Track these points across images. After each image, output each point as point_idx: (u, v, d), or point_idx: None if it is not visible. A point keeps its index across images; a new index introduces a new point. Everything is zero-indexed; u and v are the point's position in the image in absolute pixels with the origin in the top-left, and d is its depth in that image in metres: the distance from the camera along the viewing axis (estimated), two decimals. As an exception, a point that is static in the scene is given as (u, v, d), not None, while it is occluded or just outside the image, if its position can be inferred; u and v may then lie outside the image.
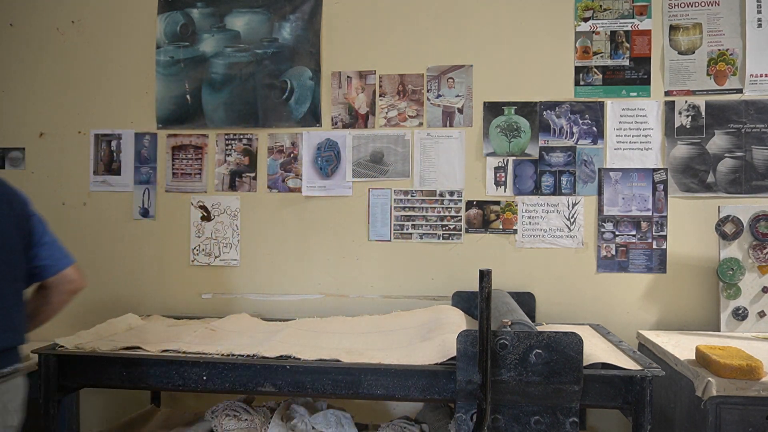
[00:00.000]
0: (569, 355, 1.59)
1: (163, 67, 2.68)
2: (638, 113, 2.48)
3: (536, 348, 1.60)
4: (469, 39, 2.56)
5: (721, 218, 2.41)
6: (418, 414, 2.30)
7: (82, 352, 1.86)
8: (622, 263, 2.48)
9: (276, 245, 2.64)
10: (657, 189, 2.47)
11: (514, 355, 1.61)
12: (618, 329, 2.40)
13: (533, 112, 2.52)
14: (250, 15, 2.65)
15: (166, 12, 2.69)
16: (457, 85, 2.56)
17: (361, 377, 1.73)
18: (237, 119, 2.65)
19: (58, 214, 2.71)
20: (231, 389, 1.80)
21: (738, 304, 2.37)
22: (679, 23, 2.48)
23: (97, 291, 2.67)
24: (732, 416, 1.75)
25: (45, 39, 2.74)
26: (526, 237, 2.52)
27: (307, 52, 2.62)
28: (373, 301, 2.59)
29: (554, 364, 1.60)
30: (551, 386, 1.61)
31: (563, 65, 2.52)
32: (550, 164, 2.52)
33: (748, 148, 2.43)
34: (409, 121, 2.58)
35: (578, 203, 2.50)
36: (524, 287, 2.49)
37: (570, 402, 1.62)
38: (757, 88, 2.42)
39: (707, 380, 1.74)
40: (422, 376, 1.70)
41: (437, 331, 2.00)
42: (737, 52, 2.44)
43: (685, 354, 1.98)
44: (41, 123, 2.74)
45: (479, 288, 1.57)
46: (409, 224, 2.57)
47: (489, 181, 2.54)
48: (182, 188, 2.68)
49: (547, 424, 1.62)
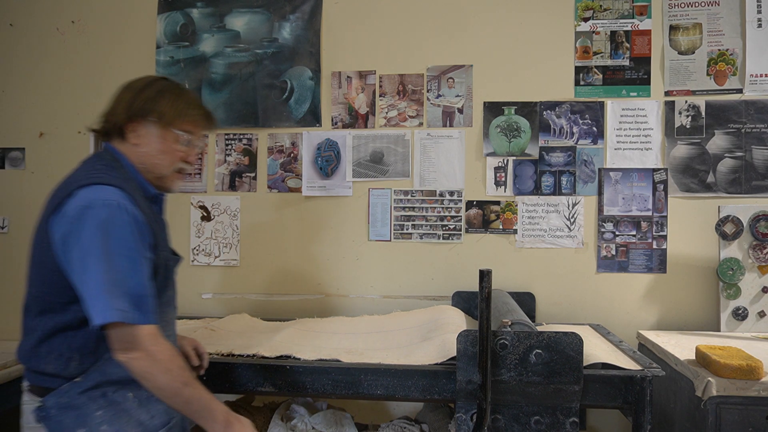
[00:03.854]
0: (569, 355, 1.59)
1: (163, 67, 2.68)
2: (638, 113, 2.48)
3: (536, 348, 1.60)
4: (469, 39, 2.56)
5: (721, 218, 2.41)
6: (418, 414, 2.30)
7: (82, 352, 1.85)
8: (622, 263, 2.48)
9: (276, 245, 2.64)
10: (657, 189, 2.47)
11: (514, 355, 1.61)
12: (618, 329, 2.40)
13: (533, 112, 2.52)
14: (250, 15, 2.65)
15: (166, 12, 2.69)
16: (457, 85, 2.56)
17: (361, 377, 1.73)
18: (237, 119, 2.65)
19: (58, 214, 2.72)
20: (231, 389, 1.80)
21: (738, 304, 2.37)
22: (679, 23, 2.48)
23: (97, 291, 2.68)
24: (732, 416, 1.75)
25: (45, 39, 2.74)
26: (526, 237, 2.52)
27: (307, 52, 2.62)
28: (373, 301, 2.59)
29: (554, 364, 1.60)
30: (551, 386, 1.61)
31: (563, 65, 2.52)
32: (550, 164, 2.52)
33: (748, 148, 2.43)
34: (409, 121, 2.58)
35: (578, 203, 2.50)
36: (524, 287, 2.49)
37: (570, 402, 1.61)
38: (757, 88, 2.42)
39: (707, 380, 1.74)
40: (422, 376, 1.70)
41: (437, 331, 1.99)
42: (737, 52, 2.44)
43: (685, 354, 1.98)
44: (41, 123, 2.74)
45: (479, 288, 1.57)
46: (409, 224, 2.57)
47: (489, 181, 2.54)
48: (182, 188, 2.67)
49: (547, 424, 1.62)
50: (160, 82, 1.44)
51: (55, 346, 1.30)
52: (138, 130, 1.39)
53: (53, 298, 1.30)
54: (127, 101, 1.38)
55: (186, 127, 1.43)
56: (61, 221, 1.25)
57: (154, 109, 1.37)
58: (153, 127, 1.39)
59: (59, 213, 1.26)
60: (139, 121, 1.38)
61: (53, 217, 1.27)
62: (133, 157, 1.40)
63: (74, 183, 1.30)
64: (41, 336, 1.30)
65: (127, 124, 1.38)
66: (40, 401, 1.29)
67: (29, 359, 1.32)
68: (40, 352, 1.30)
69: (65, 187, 1.30)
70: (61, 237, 1.25)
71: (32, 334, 1.32)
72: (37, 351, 1.30)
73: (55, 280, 1.28)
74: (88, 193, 1.26)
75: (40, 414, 1.28)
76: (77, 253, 1.23)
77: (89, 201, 1.25)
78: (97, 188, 1.27)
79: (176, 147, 1.42)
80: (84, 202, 1.25)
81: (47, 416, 1.28)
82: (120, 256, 1.24)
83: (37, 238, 1.33)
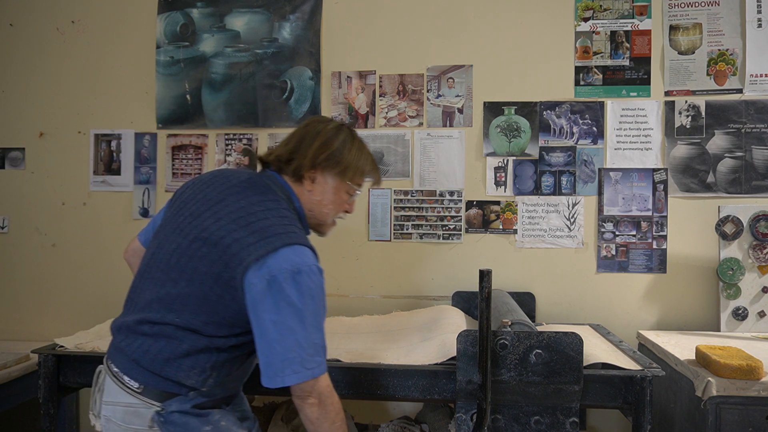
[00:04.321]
0: (569, 355, 1.59)
1: (163, 67, 2.68)
2: (638, 113, 2.48)
3: (536, 348, 1.60)
4: (469, 39, 2.56)
5: (721, 218, 2.41)
6: (418, 414, 2.30)
7: (82, 352, 1.86)
8: (622, 263, 2.48)
9: (276, 245, 2.63)
10: (657, 189, 2.47)
11: (514, 355, 1.61)
12: (618, 329, 2.40)
13: (533, 112, 2.52)
14: (250, 15, 2.65)
15: (166, 12, 2.69)
16: (457, 85, 2.56)
17: (361, 377, 1.72)
18: (237, 119, 2.65)
19: (58, 214, 2.72)
20: (231, 389, 1.80)
21: (738, 304, 2.37)
22: (679, 23, 2.48)
23: (97, 291, 2.68)
24: (732, 416, 1.75)
25: (45, 39, 2.74)
26: (526, 237, 2.52)
27: (307, 52, 2.62)
28: (373, 301, 2.59)
29: (554, 364, 1.60)
30: (551, 386, 1.61)
31: (563, 65, 2.52)
32: (550, 164, 2.52)
33: (748, 148, 2.43)
34: (409, 121, 2.58)
35: (578, 203, 2.50)
36: (524, 287, 2.49)
37: (570, 402, 1.61)
38: (757, 88, 2.42)
39: (707, 380, 1.74)
40: (422, 376, 1.70)
41: (437, 331, 1.99)
42: (737, 52, 2.44)
43: (685, 354, 1.98)
44: (41, 123, 2.74)
45: (479, 288, 1.57)
46: (409, 224, 2.57)
47: (489, 181, 2.54)
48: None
49: (547, 424, 1.62)
50: (345, 131, 1.45)
51: (200, 362, 1.29)
52: (316, 178, 1.41)
53: (212, 330, 1.28)
54: (316, 149, 1.40)
55: (360, 182, 1.47)
56: (264, 278, 1.23)
57: (340, 162, 1.41)
58: (331, 178, 1.42)
59: (263, 267, 1.23)
60: (320, 170, 1.41)
61: (254, 269, 1.23)
62: (305, 201, 1.43)
63: (276, 238, 1.26)
64: (188, 350, 1.28)
65: (312, 171, 1.40)
66: (160, 406, 1.27)
67: (164, 367, 1.28)
68: (183, 365, 1.28)
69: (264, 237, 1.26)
70: (261, 294, 1.23)
71: (174, 344, 1.28)
72: (180, 363, 1.28)
73: (225, 318, 1.28)
74: (294, 256, 1.25)
75: (161, 418, 1.27)
76: (278, 316, 1.22)
77: (296, 266, 1.24)
78: (301, 251, 1.27)
79: (345, 198, 1.47)
80: (291, 266, 1.24)
81: (168, 421, 1.27)
82: (318, 316, 1.27)
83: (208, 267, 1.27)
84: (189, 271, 1.28)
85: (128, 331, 1.32)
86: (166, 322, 1.28)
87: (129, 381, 1.29)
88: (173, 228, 1.36)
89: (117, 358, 1.32)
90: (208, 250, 1.27)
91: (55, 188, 2.73)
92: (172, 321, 1.28)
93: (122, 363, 1.31)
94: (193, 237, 1.30)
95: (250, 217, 1.29)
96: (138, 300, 1.35)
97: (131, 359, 1.29)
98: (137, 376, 1.29)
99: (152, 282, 1.33)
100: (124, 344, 1.31)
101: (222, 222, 1.29)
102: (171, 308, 1.29)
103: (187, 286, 1.28)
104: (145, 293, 1.33)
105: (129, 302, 1.39)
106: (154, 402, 1.28)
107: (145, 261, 1.39)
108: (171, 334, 1.28)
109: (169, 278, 1.30)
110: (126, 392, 1.29)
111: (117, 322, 1.37)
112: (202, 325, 1.28)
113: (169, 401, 1.28)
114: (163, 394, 1.28)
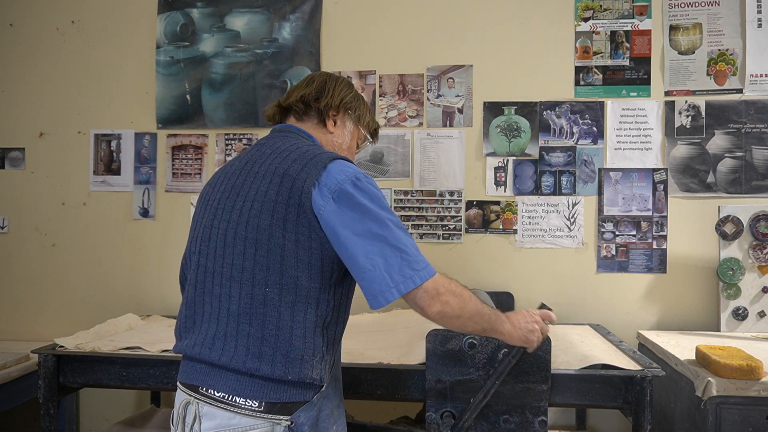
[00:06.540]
0: (538, 355, 1.58)
1: (163, 67, 2.68)
2: (638, 113, 2.48)
3: (504, 347, 1.60)
4: (469, 39, 2.56)
5: (721, 218, 2.41)
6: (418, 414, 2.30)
7: (82, 352, 1.86)
8: (622, 263, 2.48)
9: (276, 245, 2.63)
10: (657, 189, 2.47)
11: (482, 355, 1.61)
12: (618, 329, 2.40)
13: (533, 112, 2.52)
14: (250, 15, 2.65)
15: (166, 12, 2.69)
16: (457, 85, 2.56)
17: (361, 377, 1.73)
18: (237, 119, 2.65)
19: (58, 214, 2.72)
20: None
21: (738, 304, 2.37)
22: (679, 23, 2.48)
23: (97, 291, 2.68)
24: (732, 416, 1.75)
25: (45, 39, 2.74)
26: (526, 237, 2.52)
27: (307, 52, 2.62)
28: (373, 301, 2.58)
29: (523, 364, 1.59)
30: (520, 385, 1.61)
31: (563, 65, 2.52)
32: (550, 164, 2.52)
33: (748, 148, 2.43)
34: (409, 121, 2.58)
35: (578, 203, 2.50)
36: (524, 287, 2.49)
37: (539, 401, 1.61)
38: (757, 88, 2.42)
39: (707, 380, 1.74)
40: (422, 376, 1.70)
41: (437, 331, 1.99)
42: (737, 52, 2.44)
43: (685, 354, 1.98)
44: (41, 123, 2.74)
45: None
46: (409, 224, 2.57)
47: (489, 181, 2.54)
48: (182, 188, 2.68)
49: (516, 423, 1.62)
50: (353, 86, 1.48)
51: (319, 347, 1.16)
52: (337, 122, 1.41)
53: (310, 283, 1.14)
54: (342, 89, 1.41)
55: (368, 131, 1.48)
56: (329, 195, 1.13)
57: (359, 107, 1.43)
58: (350, 122, 1.43)
59: (323, 187, 1.14)
60: (344, 113, 1.41)
61: (316, 191, 1.13)
62: (325, 144, 1.38)
63: (318, 158, 1.18)
64: (302, 333, 1.13)
65: (335, 112, 1.40)
66: (288, 419, 1.12)
67: (293, 366, 1.12)
68: (306, 355, 1.13)
69: (309, 160, 1.17)
70: (335, 212, 1.12)
71: (286, 332, 1.12)
72: (303, 354, 1.12)
73: (313, 262, 1.14)
74: (344, 167, 1.17)
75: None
76: (361, 226, 1.12)
77: (351, 175, 1.16)
78: (345, 163, 1.19)
79: (355, 147, 1.47)
80: (347, 176, 1.15)
81: None
82: (395, 217, 1.20)
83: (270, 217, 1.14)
84: (252, 234, 1.14)
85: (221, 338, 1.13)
86: (258, 297, 1.12)
87: (245, 402, 1.12)
88: (210, 219, 1.24)
89: (215, 380, 1.14)
90: (260, 202, 1.15)
91: (55, 188, 2.73)
92: (263, 294, 1.12)
93: (227, 384, 1.13)
94: (239, 206, 1.18)
95: (283, 153, 1.21)
96: (208, 304, 1.18)
97: (241, 372, 1.12)
98: (254, 394, 1.12)
99: (216, 276, 1.18)
100: (224, 360, 1.12)
101: (259, 175, 1.20)
102: (254, 281, 1.13)
103: (257, 251, 1.14)
104: (215, 290, 1.17)
105: (193, 318, 1.22)
106: (271, 416, 1.12)
107: (193, 269, 1.27)
108: (268, 313, 1.12)
109: (236, 254, 1.15)
110: (241, 416, 1.11)
111: (188, 343, 1.19)
112: (295, 282, 1.13)
113: (298, 412, 1.14)
114: (284, 406, 1.13)
